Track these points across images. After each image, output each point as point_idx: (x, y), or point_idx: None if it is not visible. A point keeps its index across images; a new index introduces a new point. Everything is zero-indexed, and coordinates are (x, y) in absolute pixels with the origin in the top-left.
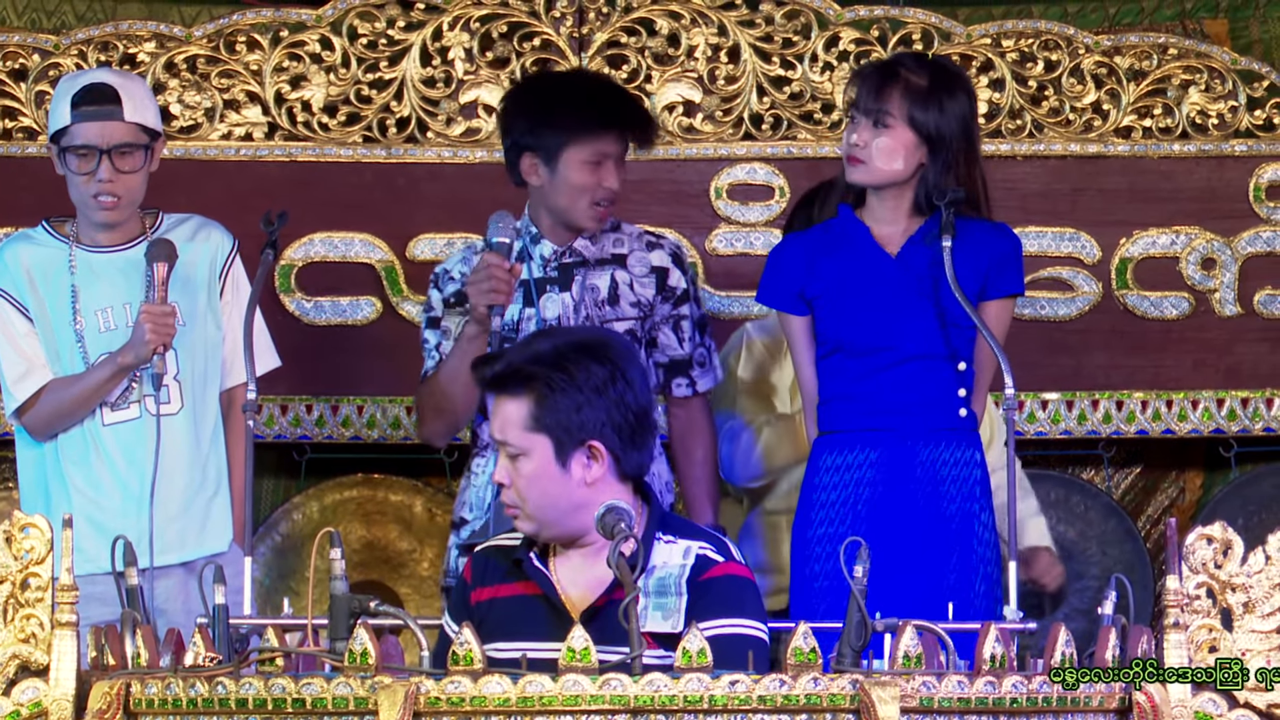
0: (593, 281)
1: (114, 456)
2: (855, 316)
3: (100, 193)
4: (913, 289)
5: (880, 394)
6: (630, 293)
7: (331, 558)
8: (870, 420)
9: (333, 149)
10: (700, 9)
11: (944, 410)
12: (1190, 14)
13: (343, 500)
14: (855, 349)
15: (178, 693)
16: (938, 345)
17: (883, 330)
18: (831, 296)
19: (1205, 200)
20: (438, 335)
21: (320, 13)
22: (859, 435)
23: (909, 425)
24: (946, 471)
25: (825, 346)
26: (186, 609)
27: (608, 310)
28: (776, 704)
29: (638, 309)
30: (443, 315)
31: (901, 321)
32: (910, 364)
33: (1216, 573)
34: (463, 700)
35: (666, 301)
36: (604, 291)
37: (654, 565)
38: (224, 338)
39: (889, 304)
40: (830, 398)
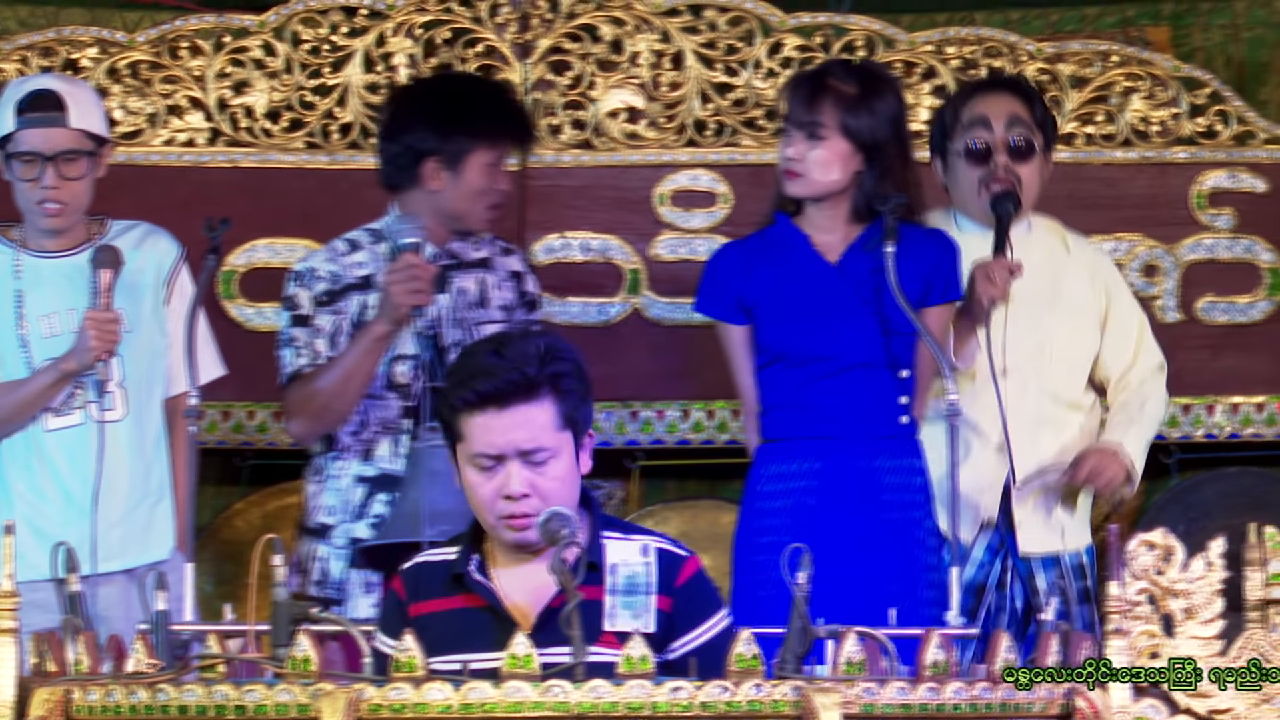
0: (462, 284)
1: (57, 462)
2: (795, 325)
3: (45, 199)
4: (853, 297)
5: (821, 402)
6: (497, 295)
7: (273, 564)
8: (812, 429)
9: (276, 155)
10: (644, 15)
11: (885, 418)
12: (1132, 21)
13: (285, 507)
14: (795, 358)
15: (119, 699)
16: (879, 353)
17: (823, 339)
18: (771, 305)
19: (1147, 207)
20: (309, 334)
21: (263, 18)
22: (801, 444)
23: (850, 433)
24: (889, 479)
25: (765, 355)
26: (129, 616)
27: (479, 312)
28: (719, 710)
29: (503, 312)
30: (313, 314)
31: (842, 330)
32: (851, 372)
33: (1158, 579)
34: (404, 707)
35: (521, 307)
36: (473, 294)
37: (614, 564)
38: (169, 345)
39: (829, 312)
40: (771, 406)
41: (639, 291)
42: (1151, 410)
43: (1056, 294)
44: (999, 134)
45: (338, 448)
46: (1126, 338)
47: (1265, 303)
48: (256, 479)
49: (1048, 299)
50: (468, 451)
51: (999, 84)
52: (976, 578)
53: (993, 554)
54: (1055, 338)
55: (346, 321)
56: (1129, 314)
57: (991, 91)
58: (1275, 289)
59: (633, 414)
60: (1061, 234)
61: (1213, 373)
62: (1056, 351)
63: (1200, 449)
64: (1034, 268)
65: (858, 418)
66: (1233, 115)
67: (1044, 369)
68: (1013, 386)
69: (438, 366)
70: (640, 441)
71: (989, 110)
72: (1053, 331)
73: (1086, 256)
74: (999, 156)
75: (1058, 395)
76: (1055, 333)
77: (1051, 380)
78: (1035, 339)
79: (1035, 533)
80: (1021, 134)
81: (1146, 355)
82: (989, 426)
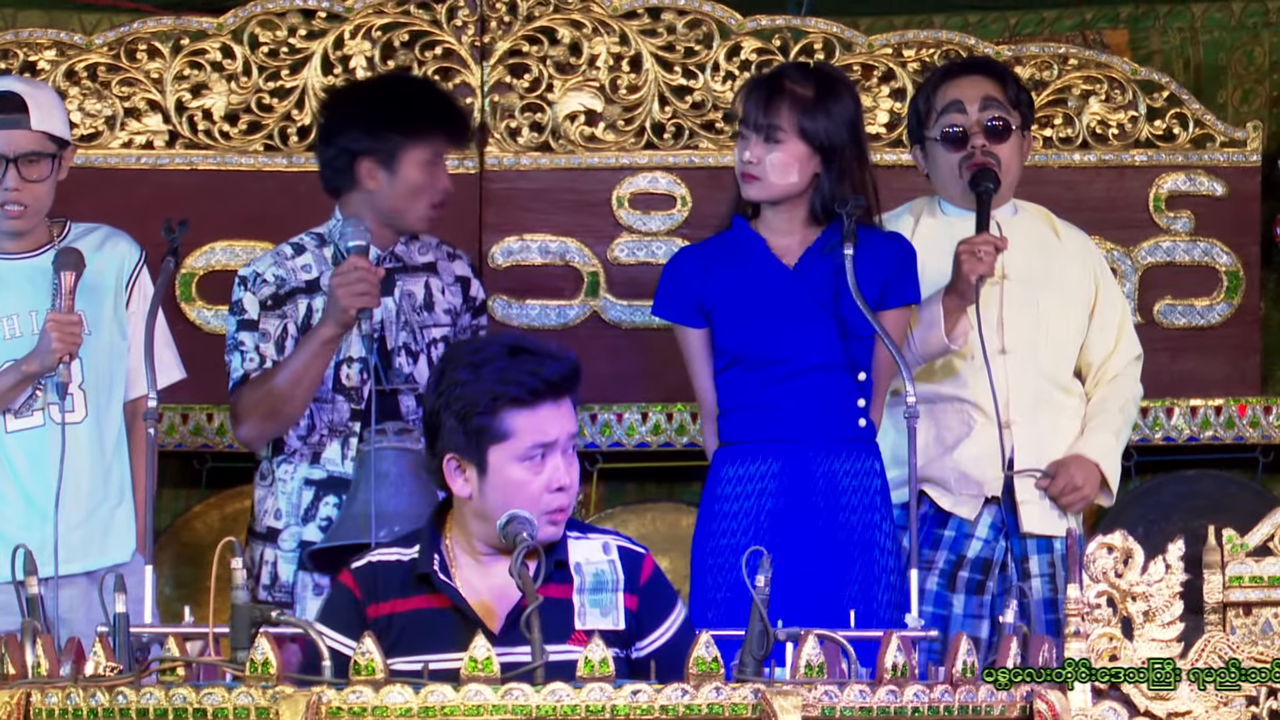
0: (409, 288)
1: (17, 464)
2: (753, 329)
3: (6, 201)
4: (811, 300)
5: (779, 405)
6: (443, 299)
7: (233, 567)
8: (770, 431)
9: (234, 157)
10: (602, 18)
11: (843, 421)
12: (1091, 24)
13: (244, 510)
14: (754, 361)
15: (78, 702)
16: (837, 356)
17: (781, 342)
18: (729, 309)
19: (1105, 210)
20: (255, 338)
21: (221, 21)
22: (759, 446)
23: (808, 436)
24: (847, 482)
25: (724, 359)
26: (89, 618)
27: (425, 316)
28: (679, 713)
29: (449, 315)
30: (259, 318)
31: (800, 333)
32: (809, 375)
33: (1117, 581)
34: (365, 710)
35: (467, 311)
36: (420, 298)
37: (578, 563)
38: (129, 347)
39: (787, 316)
40: (730, 409)
41: (598, 294)
42: (1130, 412)
43: (1049, 275)
44: (974, 116)
45: (285, 451)
46: (1110, 325)
47: (1223, 305)
48: (215, 482)
49: (1041, 278)
50: (516, 449)
51: (970, 66)
52: (982, 554)
53: (996, 531)
54: (1050, 317)
55: (292, 325)
56: (1114, 302)
57: (963, 74)
58: (1233, 292)
59: (592, 417)
60: (1050, 220)
61: (1171, 375)
62: (1052, 332)
63: (1159, 452)
64: (1025, 248)
65: (816, 421)
66: (1190, 118)
67: (1040, 349)
68: (1013, 365)
69: (384, 370)
70: (599, 444)
71: (962, 93)
72: (1048, 311)
73: (1077, 243)
74: (975, 139)
75: (1053, 377)
76: (1050, 312)
77: (1047, 361)
78: (1033, 318)
79: (1037, 511)
80: (996, 114)
81: (1126, 344)
82: (990, 404)
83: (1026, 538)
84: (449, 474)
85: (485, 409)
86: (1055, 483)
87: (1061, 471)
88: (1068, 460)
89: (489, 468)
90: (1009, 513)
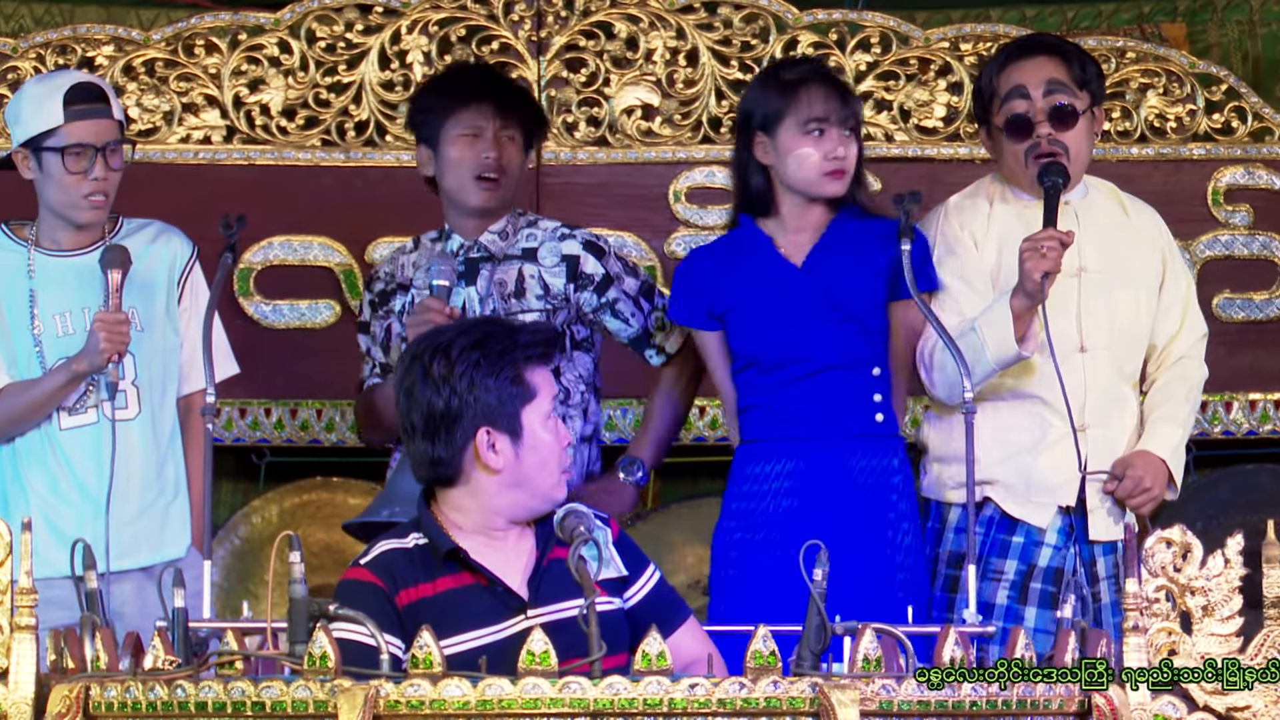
0: (500, 276)
1: (72, 461)
2: (766, 331)
3: (94, 192)
4: (821, 298)
5: (796, 404)
6: (538, 285)
7: (291, 561)
8: (788, 430)
9: (291, 152)
10: (659, 12)
11: (861, 417)
12: (1148, 18)
13: (302, 504)
14: (768, 363)
15: (137, 696)
16: (851, 353)
17: (795, 342)
18: (741, 312)
19: (1163, 204)
20: (367, 341)
21: (278, 16)
22: (779, 445)
23: (827, 434)
24: (864, 479)
25: (739, 360)
26: (144, 613)
27: (514, 303)
28: (736, 707)
29: (544, 300)
30: (370, 319)
31: (813, 332)
32: (825, 374)
33: (1176, 576)
34: (422, 704)
35: (584, 289)
36: (511, 285)
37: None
38: (182, 343)
39: (799, 316)
40: (748, 407)
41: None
42: (1195, 399)
43: (1124, 264)
44: (1038, 102)
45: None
46: (1176, 303)
47: None
48: (274, 476)
49: (1116, 269)
50: (542, 407)
51: (1033, 46)
52: (1054, 562)
53: (1065, 537)
54: (1125, 310)
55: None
56: (1179, 279)
57: (1025, 56)
58: None
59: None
60: (1119, 197)
61: (1229, 370)
62: (1125, 325)
63: (1217, 446)
64: (1099, 235)
65: (832, 418)
66: (1249, 111)
67: (1116, 345)
68: (1091, 364)
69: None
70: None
71: (1025, 78)
72: (1122, 304)
73: (1145, 221)
74: (1040, 127)
75: (1122, 369)
76: (1125, 305)
77: (1122, 354)
78: (1109, 313)
79: (1104, 517)
80: (1062, 99)
81: (1191, 324)
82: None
83: (1094, 543)
84: (482, 451)
85: (514, 374)
86: (1123, 485)
87: (1129, 472)
88: (1133, 459)
89: (524, 429)
90: (1079, 518)
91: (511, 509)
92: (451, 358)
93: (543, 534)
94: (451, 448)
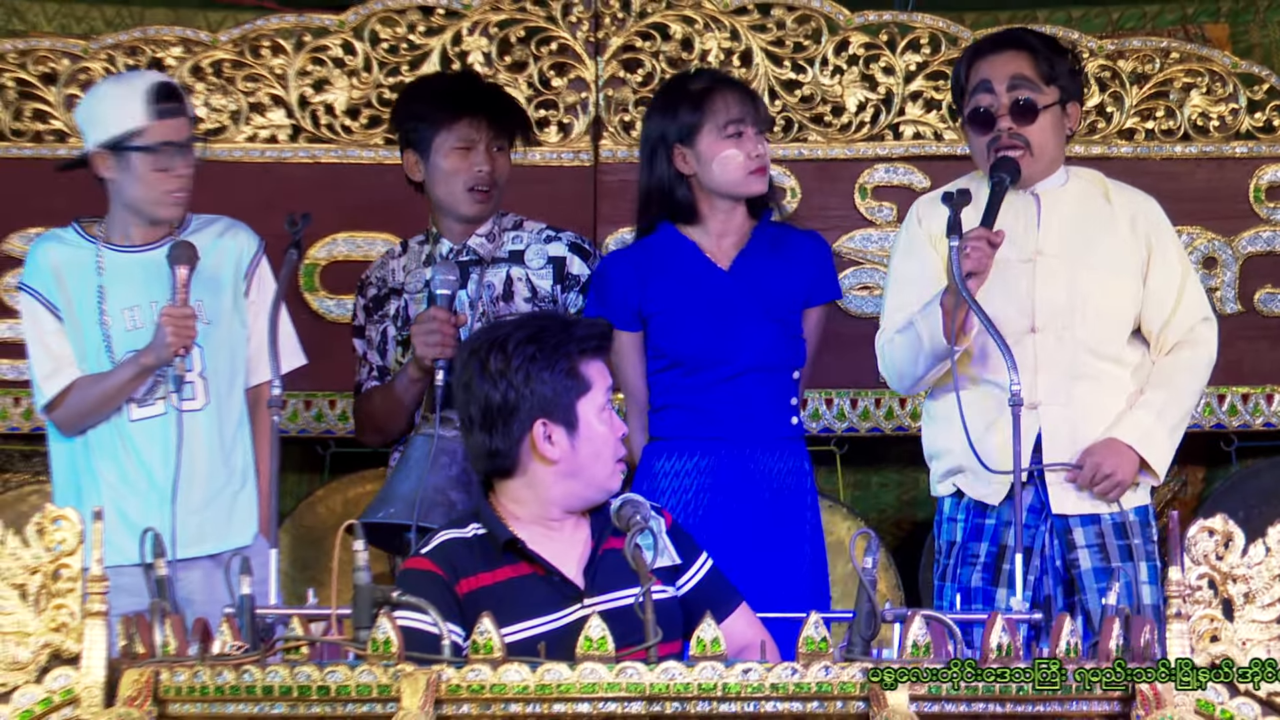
0: (489, 279)
1: (141, 451)
2: (692, 332)
3: (177, 188)
4: (747, 302)
5: (717, 405)
6: (525, 288)
7: (355, 549)
8: (705, 429)
9: (355, 151)
10: (713, 14)
11: (778, 420)
12: (1192, 19)
13: (365, 493)
14: (693, 363)
15: (205, 680)
16: (774, 356)
17: (720, 345)
18: (667, 314)
19: (1206, 200)
20: (363, 345)
21: (343, 18)
22: (693, 443)
23: (743, 435)
24: (780, 481)
25: (662, 361)
26: (212, 599)
27: (502, 306)
28: (789, 691)
29: (533, 302)
30: (365, 324)
31: (738, 335)
32: (747, 376)
33: (1218, 564)
34: (483, 688)
35: (570, 290)
36: (499, 288)
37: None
38: (249, 336)
39: (725, 319)
40: (665, 406)
41: None
42: (1184, 384)
43: (1092, 247)
44: (1002, 97)
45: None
46: (1167, 289)
47: None
48: (338, 467)
49: (1080, 252)
50: (596, 399)
51: (1000, 41)
52: (1024, 542)
53: (1036, 514)
54: (1089, 291)
55: (391, 326)
56: (1172, 264)
57: (993, 52)
58: None
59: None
60: (1104, 185)
61: (1272, 363)
62: (1091, 306)
63: (1260, 437)
64: (1067, 220)
65: (751, 420)
66: None
67: (1078, 325)
68: (1043, 343)
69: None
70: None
71: (990, 73)
72: (1087, 286)
73: (1129, 206)
74: (1002, 121)
75: (1096, 349)
76: (1089, 287)
77: (1087, 335)
78: (1066, 294)
79: (1069, 494)
80: (1023, 94)
81: (1186, 309)
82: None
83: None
84: (538, 442)
85: (569, 366)
86: (1083, 474)
87: (1088, 460)
88: (1096, 446)
89: (579, 421)
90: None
91: (567, 499)
92: (508, 352)
93: (597, 524)
94: (509, 440)
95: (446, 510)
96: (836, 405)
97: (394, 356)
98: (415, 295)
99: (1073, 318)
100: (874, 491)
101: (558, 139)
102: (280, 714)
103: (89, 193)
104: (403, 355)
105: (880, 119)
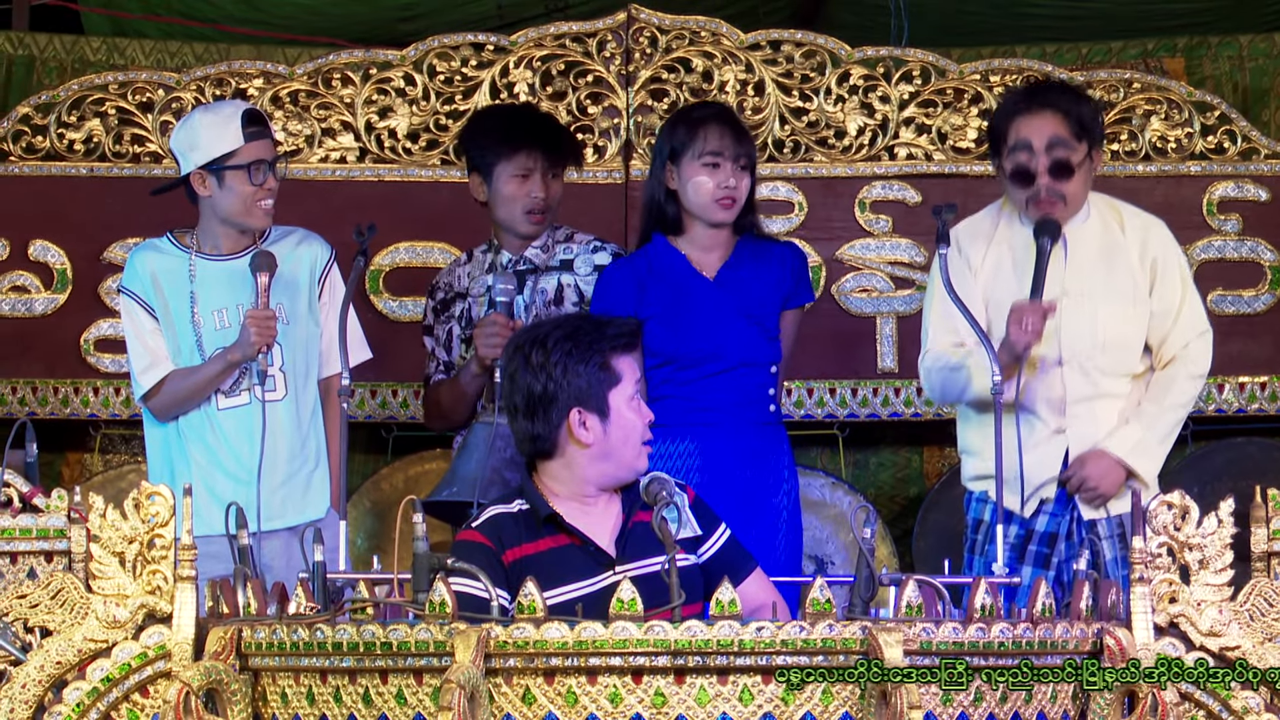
0: (542, 285)
1: (228, 436)
2: (685, 334)
3: (266, 199)
4: (731, 307)
5: (706, 395)
6: (574, 293)
7: (414, 522)
8: (698, 416)
9: (415, 170)
10: (731, 49)
11: (758, 408)
12: (1152, 53)
13: (424, 472)
14: (686, 360)
15: (283, 637)
16: (755, 354)
17: (710, 344)
18: (662, 317)
19: (1164, 213)
20: (431, 342)
21: (405, 53)
22: (685, 428)
23: (729, 421)
24: (760, 461)
25: (658, 358)
26: (290, 566)
27: (554, 310)
28: (797, 646)
29: (580, 306)
30: (434, 324)
31: (725, 335)
32: (732, 371)
33: (1176, 534)
34: (527, 644)
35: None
36: (551, 294)
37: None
38: (321, 334)
39: (713, 321)
40: (660, 396)
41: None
42: (1174, 398)
43: (1111, 281)
44: (1040, 156)
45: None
46: (1168, 307)
47: (1267, 295)
48: (400, 449)
49: (1101, 289)
50: (626, 390)
51: (1037, 101)
52: (1049, 528)
53: (1063, 505)
54: (1109, 324)
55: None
56: (1173, 284)
57: (1031, 112)
58: (1276, 284)
59: None
60: (1118, 213)
61: (1222, 356)
62: (1110, 337)
63: (1211, 422)
64: (1088, 259)
65: (736, 409)
66: (1239, 134)
67: (1099, 355)
68: (1070, 373)
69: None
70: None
71: (1030, 133)
72: (1107, 320)
73: (1140, 233)
74: (1041, 179)
75: (1114, 371)
76: (1109, 320)
77: (1107, 362)
78: (1089, 329)
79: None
80: (1060, 153)
81: (1183, 324)
82: (1046, 414)
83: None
84: (574, 427)
85: (602, 361)
86: (1071, 483)
87: (1076, 471)
88: (1084, 457)
89: (610, 409)
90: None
91: (600, 478)
92: (548, 348)
93: (628, 500)
94: (548, 425)
95: (503, 488)
96: (839, 394)
97: (459, 353)
98: (478, 299)
99: (1095, 350)
100: (872, 470)
101: (593, 160)
102: (348, 666)
103: (177, 208)
104: (466, 352)
105: (877, 141)
